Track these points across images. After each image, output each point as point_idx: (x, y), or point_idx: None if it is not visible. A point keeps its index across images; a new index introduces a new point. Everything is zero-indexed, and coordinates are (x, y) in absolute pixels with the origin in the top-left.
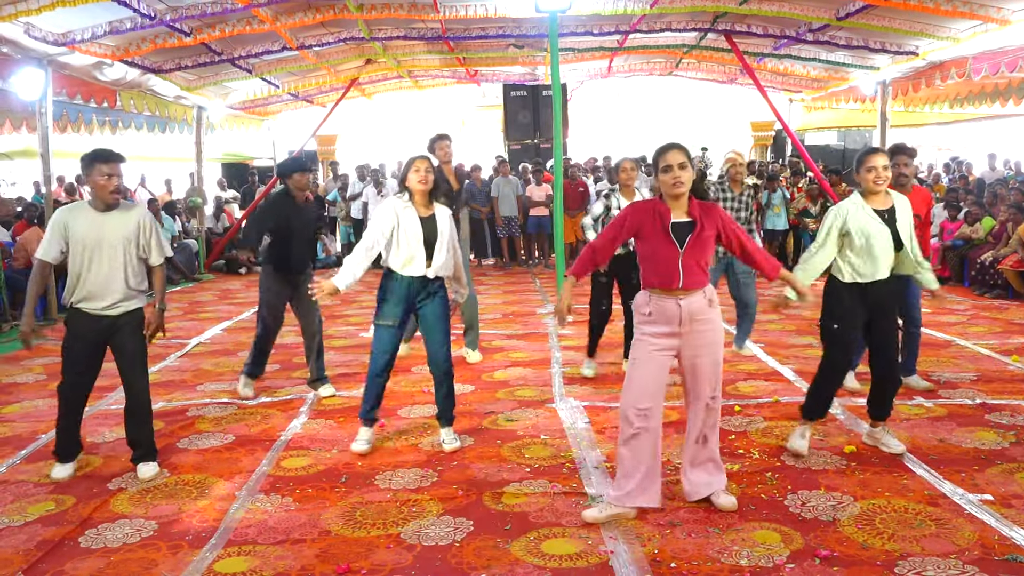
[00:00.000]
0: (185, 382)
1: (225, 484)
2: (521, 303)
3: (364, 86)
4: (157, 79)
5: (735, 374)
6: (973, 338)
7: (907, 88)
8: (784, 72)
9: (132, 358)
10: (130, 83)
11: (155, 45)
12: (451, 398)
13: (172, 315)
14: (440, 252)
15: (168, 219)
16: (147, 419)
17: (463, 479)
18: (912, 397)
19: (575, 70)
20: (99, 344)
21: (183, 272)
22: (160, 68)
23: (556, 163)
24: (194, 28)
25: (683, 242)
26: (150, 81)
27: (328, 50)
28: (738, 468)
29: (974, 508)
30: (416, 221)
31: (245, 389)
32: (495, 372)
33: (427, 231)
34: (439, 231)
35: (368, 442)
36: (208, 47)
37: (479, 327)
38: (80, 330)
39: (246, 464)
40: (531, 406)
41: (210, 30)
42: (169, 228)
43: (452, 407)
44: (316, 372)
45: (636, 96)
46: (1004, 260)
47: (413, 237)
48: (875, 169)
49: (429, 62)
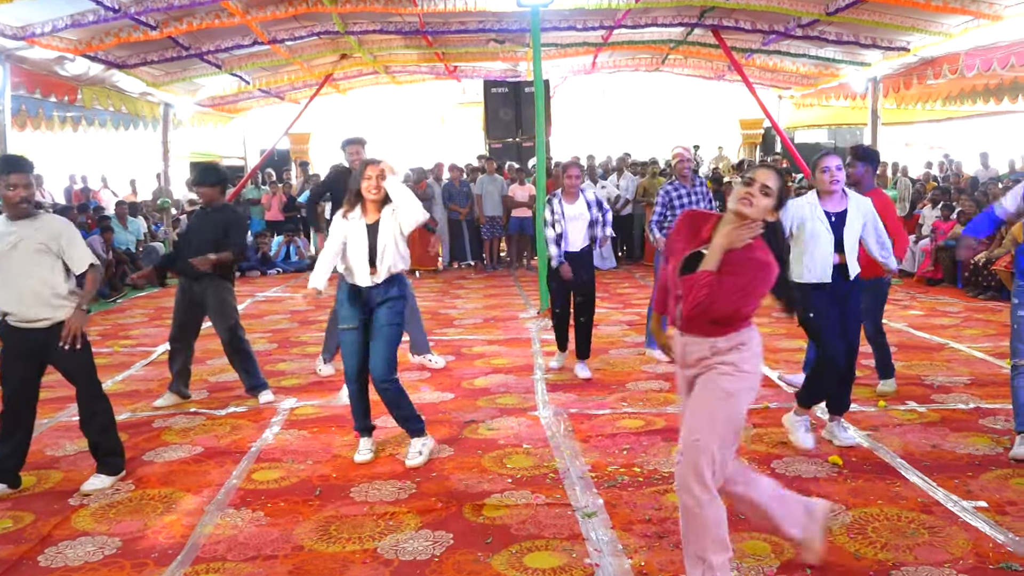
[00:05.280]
0: (151, 392)
1: (193, 498)
2: (502, 307)
3: (339, 82)
4: (121, 74)
5: None
6: (967, 341)
7: (899, 85)
8: (773, 68)
9: (73, 371)
10: (93, 78)
11: (119, 39)
12: (402, 411)
13: (137, 321)
14: (384, 258)
15: (134, 221)
16: (108, 424)
17: (442, 491)
18: (905, 402)
19: (558, 66)
20: (33, 360)
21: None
22: (125, 63)
23: (539, 162)
24: (160, 21)
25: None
26: (114, 76)
27: (301, 44)
28: None
29: (968, 515)
30: (363, 232)
31: (159, 400)
32: (475, 379)
33: (371, 240)
34: (380, 236)
35: (370, 451)
36: (175, 41)
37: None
38: (12, 345)
39: (215, 477)
40: (513, 414)
41: (177, 23)
42: (135, 231)
43: (407, 420)
44: (246, 383)
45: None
46: (997, 261)
47: (358, 247)
48: (829, 170)
49: (407, 57)
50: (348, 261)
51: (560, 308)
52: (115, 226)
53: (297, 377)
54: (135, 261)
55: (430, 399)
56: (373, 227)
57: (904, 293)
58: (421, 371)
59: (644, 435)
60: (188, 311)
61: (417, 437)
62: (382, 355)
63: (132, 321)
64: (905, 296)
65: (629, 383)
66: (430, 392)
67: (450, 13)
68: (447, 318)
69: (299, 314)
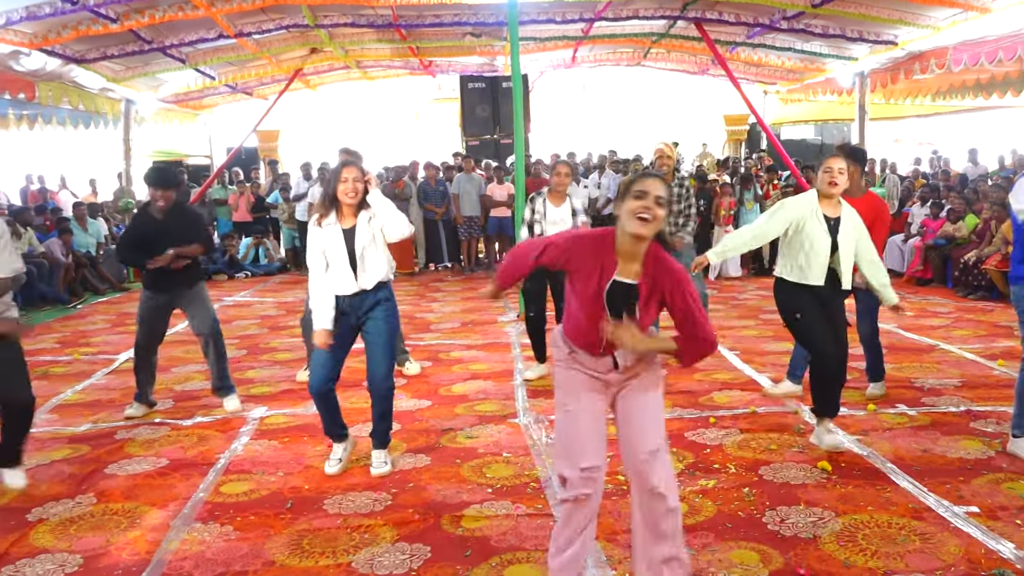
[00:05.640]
0: (113, 402)
1: (158, 513)
2: (481, 311)
3: (309, 77)
4: (80, 69)
5: (710, 384)
6: (957, 342)
7: (886, 79)
8: (758, 63)
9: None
10: (50, 74)
11: (78, 32)
12: (387, 420)
13: (98, 328)
14: (365, 263)
15: (94, 223)
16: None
17: (419, 502)
18: (895, 405)
19: (537, 60)
20: None
21: (111, 281)
22: (83, 57)
23: (517, 160)
24: (121, 14)
25: (618, 312)
26: (72, 72)
27: (269, 38)
28: (713, 484)
29: (959, 521)
30: (339, 236)
31: (129, 410)
32: (453, 385)
33: (350, 245)
34: (358, 241)
35: (340, 461)
36: (137, 35)
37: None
38: None
39: (181, 490)
40: (492, 421)
41: (139, 16)
42: (95, 233)
43: (388, 430)
44: (215, 381)
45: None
46: (988, 260)
47: (337, 254)
48: (831, 171)
49: (379, 52)
50: (329, 271)
51: (535, 312)
52: (74, 228)
53: (267, 385)
54: (95, 265)
55: (406, 407)
56: (350, 232)
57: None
58: (397, 378)
59: None
60: (159, 317)
61: (385, 448)
62: (383, 360)
63: (93, 328)
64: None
65: None
66: (406, 400)
67: (424, 6)
68: (423, 322)
69: (269, 319)
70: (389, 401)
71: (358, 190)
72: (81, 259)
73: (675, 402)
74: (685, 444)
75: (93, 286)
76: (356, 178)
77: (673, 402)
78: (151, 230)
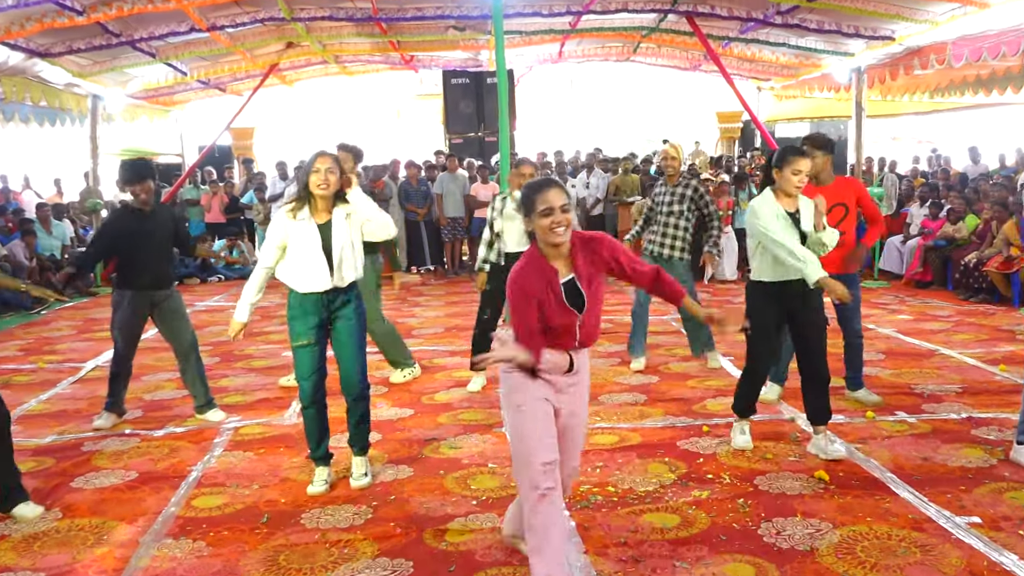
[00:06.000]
0: (80, 412)
1: (127, 528)
2: (465, 315)
3: (285, 72)
4: (45, 64)
5: (703, 391)
6: (958, 347)
7: (884, 76)
8: (752, 58)
9: None
10: (13, 68)
11: (42, 25)
12: (365, 425)
13: (63, 335)
14: (342, 261)
15: (59, 225)
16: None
17: (401, 515)
18: (894, 412)
19: (523, 55)
20: None
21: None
22: (48, 52)
23: (503, 158)
24: (88, 6)
25: (580, 306)
26: (37, 66)
27: (243, 32)
28: (707, 495)
29: (961, 532)
30: (313, 231)
31: (99, 421)
32: (436, 393)
33: (325, 241)
34: (333, 237)
35: (325, 482)
36: (104, 28)
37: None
38: None
39: (151, 504)
40: (477, 431)
41: (106, 8)
42: (60, 235)
43: (366, 435)
44: (201, 397)
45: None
46: (989, 261)
47: (310, 250)
48: (800, 172)
49: (358, 46)
50: (299, 266)
51: (489, 316)
52: (38, 230)
53: (242, 394)
54: (60, 268)
55: (387, 415)
56: (325, 228)
57: (892, 297)
58: (377, 385)
59: (618, 451)
60: (138, 324)
61: (364, 456)
62: (357, 362)
63: (58, 335)
64: (893, 300)
65: (602, 396)
66: (387, 408)
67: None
68: (405, 328)
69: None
70: (366, 403)
71: (330, 182)
72: (45, 262)
73: (667, 410)
74: (678, 453)
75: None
76: (329, 169)
77: (665, 410)
78: (134, 229)
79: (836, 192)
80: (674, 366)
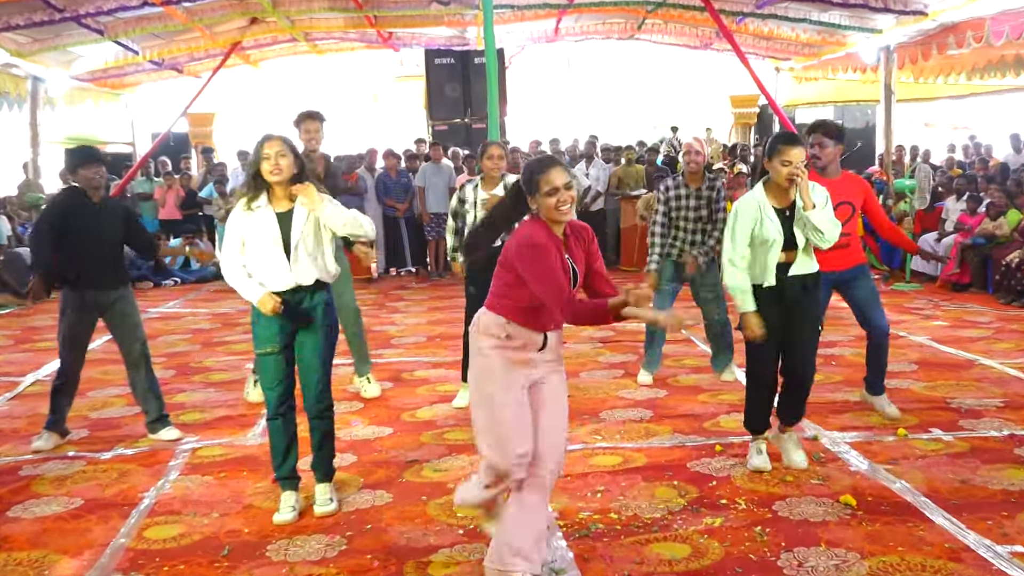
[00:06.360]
0: (17, 431)
1: (70, 562)
2: (449, 323)
3: (248, 52)
4: None
5: (716, 406)
6: (999, 356)
7: (916, 55)
8: (769, 35)
9: None
10: None
11: None
12: (328, 446)
13: (1, 346)
14: (300, 253)
15: None
16: None
17: (379, 546)
18: (928, 429)
19: (514, 32)
20: None
21: (15, 290)
22: None
23: None
24: None
25: (575, 279)
26: None
27: (202, 7)
28: (720, 522)
29: (1003, 562)
30: (271, 220)
31: (38, 442)
32: (418, 410)
33: (285, 231)
34: (294, 228)
35: (293, 509)
36: (46, 2)
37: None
38: None
39: (98, 535)
40: (463, 451)
41: None
42: None
43: (330, 460)
44: (154, 412)
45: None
46: None
47: (267, 241)
48: (791, 163)
49: (331, 22)
50: (257, 262)
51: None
52: None
53: (200, 411)
54: None
55: (363, 435)
56: (285, 216)
57: (926, 301)
58: (351, 401)
59: (621, 474)
60: (85, 330)
61: (329, 482)
62: (319, 376)
63: None
64: (927, 304)
65: (603, 412)
66: (363, 427)
67: None
68: (384, 336)
69: (201, 334)
70: (330, 422)
71: (283, 166)
72: None
73: (676, 428)
74: (688, 476)
75: None
76: (279, 152)
77: (674, 427)
78: (82, 217)
79: (843, 189)
80: (683, 378)
